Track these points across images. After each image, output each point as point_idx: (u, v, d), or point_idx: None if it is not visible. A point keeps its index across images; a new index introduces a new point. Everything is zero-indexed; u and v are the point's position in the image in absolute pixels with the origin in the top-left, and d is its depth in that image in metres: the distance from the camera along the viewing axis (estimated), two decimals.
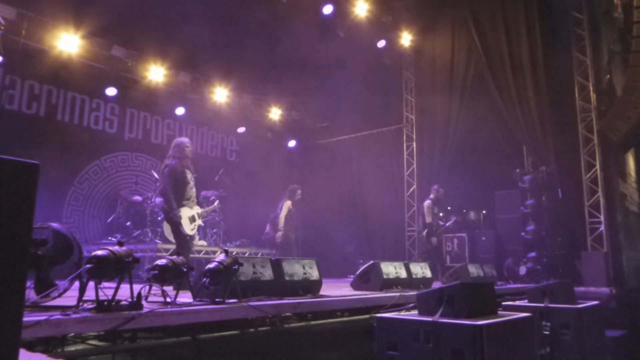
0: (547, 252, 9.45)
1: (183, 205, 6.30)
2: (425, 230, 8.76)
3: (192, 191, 6.46)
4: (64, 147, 9.69)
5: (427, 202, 8.90)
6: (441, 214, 9.28)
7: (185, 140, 6.61)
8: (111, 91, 10.38)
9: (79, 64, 9.76)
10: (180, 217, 6.19)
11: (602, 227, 9.37)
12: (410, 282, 6.09)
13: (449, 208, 9.31)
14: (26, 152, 7.99)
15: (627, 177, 11.53)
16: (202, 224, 6.72)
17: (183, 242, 6.26)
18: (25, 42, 8.84)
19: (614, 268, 8.89)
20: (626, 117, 9.51)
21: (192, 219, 6.35)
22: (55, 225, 2.94)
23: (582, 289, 8.08)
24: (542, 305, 5.04)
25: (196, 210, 6.48)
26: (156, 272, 3.25)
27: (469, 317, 3.41)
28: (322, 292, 4.78)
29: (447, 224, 9.29)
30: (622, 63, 10.36)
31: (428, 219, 8.76)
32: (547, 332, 4.92)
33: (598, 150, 9.62)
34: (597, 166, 9.58)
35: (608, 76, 10.22)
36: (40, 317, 2.41)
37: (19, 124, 9.14)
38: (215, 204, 7.72)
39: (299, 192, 9.45)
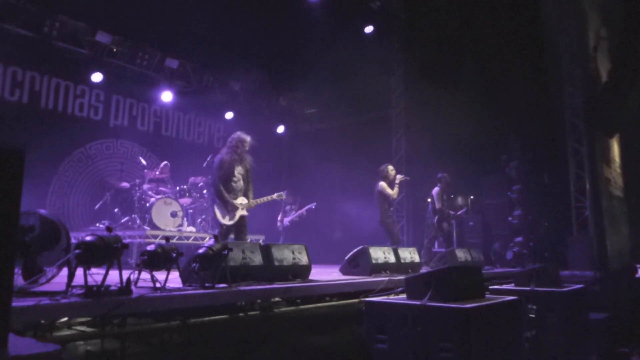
0: (534, 236, 9.56)
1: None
2: (437, 217, 8.88)
3: (236, 184, 6.62)
4: (48, 134, 9.52)
5: (436, 190, 9.01)
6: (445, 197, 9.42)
7: (241, 136, 6.87)
8: (97, 77, 10.20)
9: (63, 50, 9.59)
10: (215, 207, 6.50)
11: (588, 212, 9.50)
12: (398, 266, 6.13)
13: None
14: (9, 139, 7.85)
15: (612, 163, 11.66)
16: (246, 214, 6.52)
17: (220, 230, 6.47)
18: (7, 28, 8.67)
19: (598, 252, 9.03)
20: (611, 103, 9.61)
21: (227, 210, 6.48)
22: (42, 211, 2.91)
23: (567, 272, 8.20)
24: (528, 288, 5.11)
25: (240, 201, 6.55)
26: (145, 257, 3.24)
27: (456, 300, 3.45)
28: (311, 277, 4.79)
29: (459, 213, 9.42)
30: (608, 49, 10.43)
31: (438, 205, 8.88)
32: (533, 315, 5.00)
33: (584, 136, 9.71)
34: (583, 152, 9.69)
35: (593, 63, 10.30)
36: (29, 302, 2.39)
37: (1, 110, 8.95)
38: (275, 195, 7.51)
39: None
